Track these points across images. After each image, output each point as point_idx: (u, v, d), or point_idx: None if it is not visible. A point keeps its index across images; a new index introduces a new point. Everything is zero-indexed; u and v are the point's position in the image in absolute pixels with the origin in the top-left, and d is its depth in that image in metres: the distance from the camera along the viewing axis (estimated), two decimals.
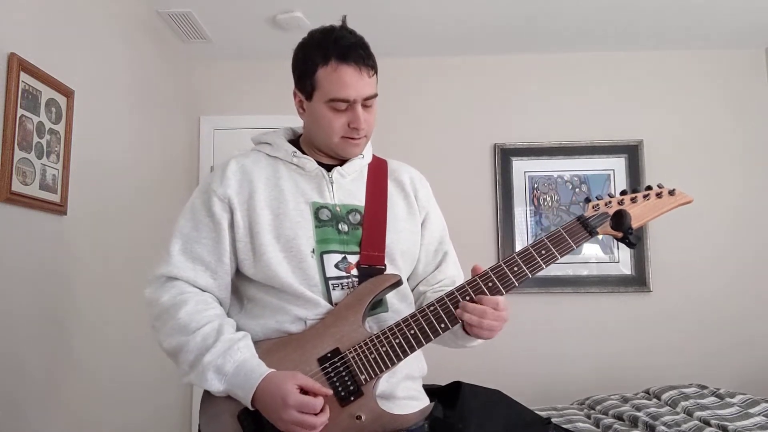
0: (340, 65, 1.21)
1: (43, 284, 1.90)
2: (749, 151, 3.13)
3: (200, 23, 2.82)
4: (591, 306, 3.08)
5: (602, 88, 3.20)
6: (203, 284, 1.23)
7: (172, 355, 1.19)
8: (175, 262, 1.22)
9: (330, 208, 1.25)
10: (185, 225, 1.25)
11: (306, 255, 1.20)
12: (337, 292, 1.20)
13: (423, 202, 1.37)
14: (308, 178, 1.28)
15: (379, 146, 1.40)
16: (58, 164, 1.97)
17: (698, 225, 3.07)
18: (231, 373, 1.11)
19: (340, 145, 1.26)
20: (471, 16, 2.81)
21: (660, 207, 1.17)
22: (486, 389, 2.05)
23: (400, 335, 1.15)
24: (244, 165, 1.28)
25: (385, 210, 1.29)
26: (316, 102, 1.24)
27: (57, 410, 1.95)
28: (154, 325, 1.22)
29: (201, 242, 1.23)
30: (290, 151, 1.29)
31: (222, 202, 1.23)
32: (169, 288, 1.21)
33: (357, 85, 1.22)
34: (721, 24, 2.90)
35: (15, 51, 1.74)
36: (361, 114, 1.23)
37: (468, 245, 3.04)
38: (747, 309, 3.02)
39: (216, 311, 1.21)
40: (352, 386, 1.13)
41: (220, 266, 1.23)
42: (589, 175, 3.16)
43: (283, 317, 1.19)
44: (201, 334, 1.15)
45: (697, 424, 1.97)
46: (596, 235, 1.15)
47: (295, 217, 1.22)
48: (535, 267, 1.17)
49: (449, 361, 2.36)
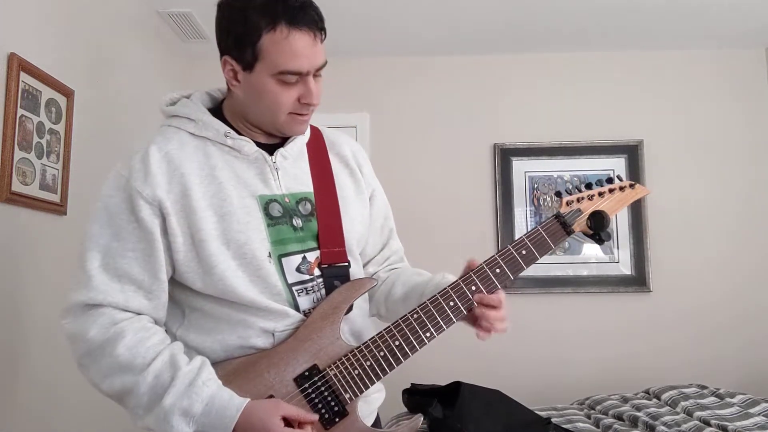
0: (292, 31, 0.99)
1: (43, 284, 1.90)
2: (750, 150, 3.13)
3: (200, 23, 2.82)
4: (591, 306, 3.07)
5: (602, 88, 3.20)
6: (136, 307, 1.02)
7: (114, 398, 1.00)
8: (97, 284, 1.00)
9: (279, 200, 1.08)
10: (101, 234, 1.02)
11: (262, 261, 1.04)
12: (302, 298, 1.07)
13: (368, 178, 1.25)
14: (247, 164, 1.08)
15: (380, 146, 1.40)
16: (58, 164, 1.97)
17: (698, 225, 3.06)
18: (200, 412, 0.94)
19: (286, 122, 1.07)
20: (471, 16, 2.81)
21: (624, 200, 1.21)
22: (486, 389, 2.06)
23: (384, 347, 1.05)
24: (168, 153, 1.05)
25: (335, 194, 1.14)
26: (258, 74, 1.02)
27: (53, 407, 1.94)
28: (82, 362, 1.01)
29: (126, 256, 1.01)
30: (222, 131, 1.08)
31: (151, 206, 1.01)
32: (96, 318, 1.00)
33: (310, 55, 1.01)
34: (722, 24, 2.89)
35: (15, 51, 1.74)
36: (313, 87, 1.04)
37: (468, 245, 3.06)
38: (747, 309, 3.01)
39: (159, 336, 1.02)
40: (336, 407, 1.02)
41: (155, 284, 1.03)
42: (589, 175, 3.16)
43: (246, 331, 1.04)
44: (152, 372, 0.96)
45: (697, 424, 1.97)
46: (572, 233, 1.16)
47: (243, 217, 1.04)
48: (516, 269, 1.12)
49: (449, 361, 2.37)
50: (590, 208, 1.17)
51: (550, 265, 3.06)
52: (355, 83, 3.16)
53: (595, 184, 1.20)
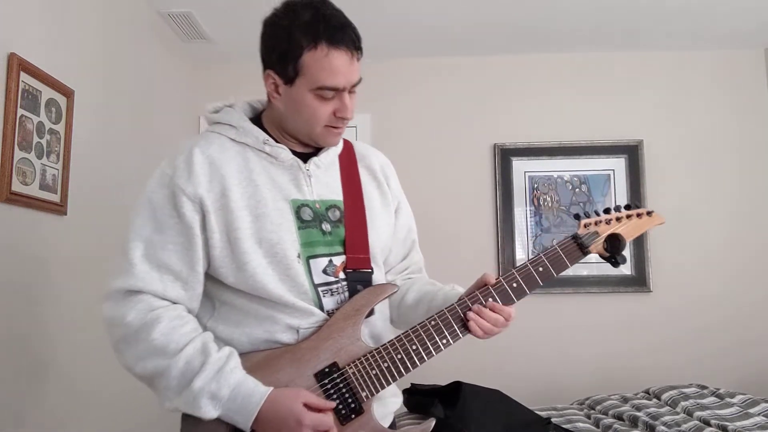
0: (332, 50, 1.08)
1: (43, 285, 1.90)
2: (749, 151, 3.13)
3: (200, 23, 2.82)
4: (591, 306, 3.07)
5: (602, 88, 3.20)
6: (174, 297, 1.09)
7: (146, 380, 1.07)
8: (138, 272, 1.07)
9: (310, 205, 1.15)
10: (145, 226, 1.10)
11: (292, 260, 1.10)
12: (327, 298, 1.13)
13: (395, 191, 1.32)
14: (282, 170, 1.16)
15: (380, 146, 1.39)
16: (58, 164, 1.97)
17: (698, 225, 3.06)
18: (227, 397, 1.01)
19: (321, 134, 1.16)
20: (471, 16, 2.81)
21: (640, 227, 1.28)
22: (486, 389, 2.06)
23: (401, 350, 1.10)
24: (210, 155, 1.13)
25: (363, 204, 1.22)
26: (298, 88, 1.11)
27: (46, 412, 1.95)
28: (118, 346, 1.08)
29: (167, 248, 1.08)
30: (261, 139, 1.16)
31: (193, 203, 1.09)
32: (135, 304, 1.07)
33: (348, 73, 1.10)
34: (721, 24, 2.89)
35: (15, 51, 1.74)
36: (348, 103, 1.13)
37: (468, 245, 3.07)
38: (747, 309, 3.02)
39: (192, 325, 1.09)
40: (353, 404, 1.07)
41: (192, 275, 1.10)
42: (589, 175, 3.16)
43: (273, 326, 1.10)
44: (184, 357, 1.03)
45: (697, 424, 1.97)
46: (588, 254, 1.22)
47: (276, 218, 1.11)
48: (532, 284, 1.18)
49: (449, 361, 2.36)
50: (607, 231, 1.23)
51: None
52: None
53: (614, 209, 1.25)
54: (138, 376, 1.08)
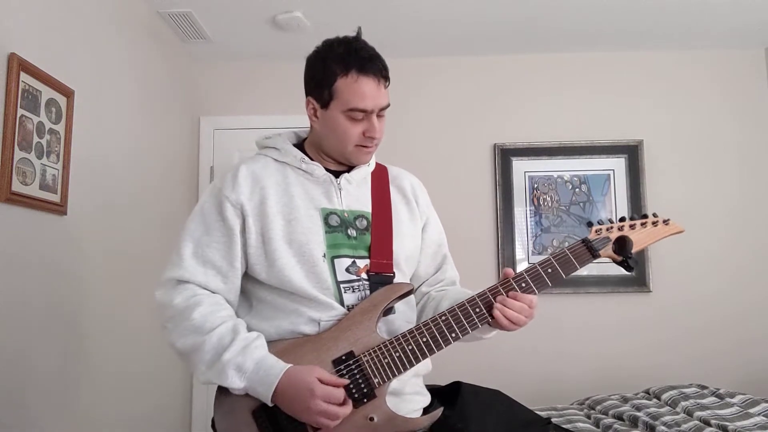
0: (360, 76, 1.25)
1: (43, 285, 1.90)
2: (749, 151, 3.13)
3: (200, 23, 2.83)
4: (591, 306, 3.08)
5: (602, 88, 3.20)
6: (214, 288, 1.26)
7: (185, 355, 1.22)
8: (187, 265, 1.25)
9: (338, 213, 1.29)
10: (196, 229, 1.28)
11: (318, 259, 1.24)
12: (348, 294, 1.25)
13: (423, 207, 1.44)
14: (316, 184, 1.32)
15: (380, 146, 1.40)
16: (58, 164, 1.97)
17: (698, 225, 3.06)
18: (251, 370, 1.14)
19: (353, 152, 1.31)
20: (471, 16, 2.81)
21: (656, 235, 1.28)
22: (486, 389, 2.05)
23: (413, 341, 1.20)
24: (254, 171, 1.31)
25: (390, 216, 1.35)
26: (332, 111, 1.27)
27: (61, 406, 1.94)
28: (167, 326, 1.24)
29: (212, 246, 1.26)
30: (299, 157, 1.32)
31: (235, 208, 1.26)
32: (181, 290, 1.24)
33: (375, 96, 1.27)
34: (721, 24, 2.90)
35: (15, 51, 1.75)
36: (376, 124, 1.29)
37: (468, 245, 3.06)
38: (747, 309, 3.02)
39: (229, 312, 1.25)
40: (365, 388, 1.17)
41: (231, 271, 1.26)
42: (589, 175, 3.16)
43: (298, 319, 1.23)
44: (217, 334, 1.18)
45: (697, 424, 1.97)
46: (598, 257, 1.24)
47: (306, 223, 1.26)
48: (541, 285, 1.25)
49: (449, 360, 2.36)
50: (617, 235, 1.25)
51: None
52: None
53: (629, 218, 1.27)
54: (179, 351, 1.22)
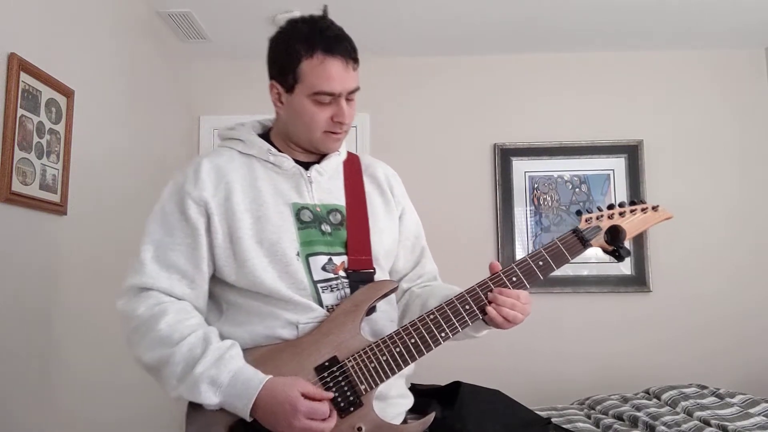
0: (327, 58, 1.16)
1: (43, 284, 1.90)
2: (749, 150, 3.13)
3: (200, 23, 2.83)
4: (591, 306, 3.08)
5: (602, 88, 3.20)
6: (179, 294, 1.16)
7: (153, 370, 1.12)
8: (149, 271, 1.15)
9: (310, 208, 1.21)
10: (156, 230, 1.19)
11: (291, 258, 1.15)
12: (327, 294, 1.17)
13: (399, 198, 1.36)
14: (285, 177, 1.23)
15: (380, 146, 1.41)
16: (58, 164, 1.97)
17: (698, 225, 3.06)
18: (227, 383, 1.05)
19: (321, 139, 1.22)
20: (471, 16, 2.81)
21: (646, 222, 1.25)
22: (486, 389, 2.05)
23: (400, 343, 1.13)
24: (218, 164, 1.21)
25: (365, 208, 1.27)
26: (298, 95, 1.19)
27: (49, 409, 1.95)
28: (131, 338, 1.14)
29: (175, 249, 1.16)
30: (265, 149, 1.24)
31: (198, 206, 1.17)
32: (145, 299, 1.14)
33: (343, 79, 1.17)
34: (721, 24, 2.89)
35: (15, 51, 1.74)
36: (345, 108, 1.19)
37: (468, 245, 3.07)
38: (747, 309, 3.02)
39: (197, 319, 1.15)
40: (351, 397, 1.10)
41: (197, 274, 1.17)
42: (589, 175, 3.16)
43: (274, 322, 1.14)
44: (187, 345, 1.08)
45: (697, 424, 1.97)
46: (589, 247, 1.20)
47: (276, 220, 1.17)
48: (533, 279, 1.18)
49: (449, 360, 2.36)
50: (609, 225, 1.21)
51: None
52: None
53: (618, 205, 1.24)
54: (146, 366, 1.13)
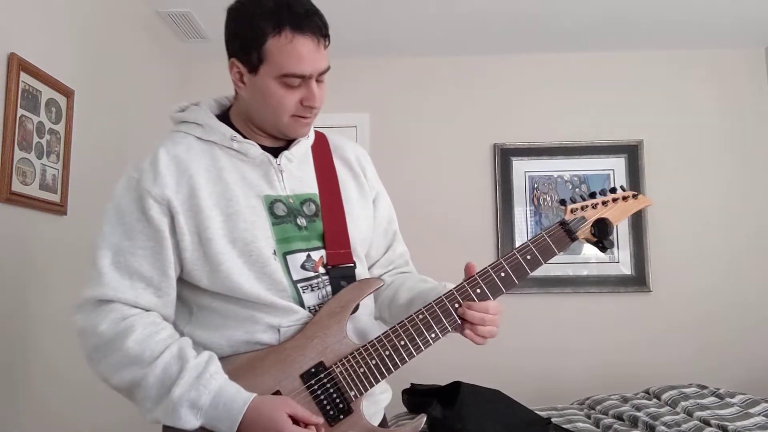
0: (296, 36, 1.03)
1: (43, 284, 1.90)
2: (749, 151, 3.13)
3: (199, 23, 2.82)
4: (591, 306, 3.07)
5: (602, 88, 3.20)
6: (146, 304, 1.04)
7: (124, 391, 1.02)
8: (108, 280, 1.02)
9: (283, 200, 1.11)
10: (112, 233, 1.06)
11: (268, 258, 1.06)
12: (307, 294, 1.09)
13: (372, 181, 1.28)
14: (252, 166, 1.12)
15: (380, 146, 1.40)
16: (58, 164, 1.97)
17: (699, 225, 3.06)
18: (208, 404, 0.96)
19: (289, 124, 1.11)
20: (471, 16, 2.81)
21: (627, 210, 1.24)
22: (486, 389, 2.06)
23: (389, 346, 1.06)
24: (176, 155, 1.08)
25: (339, 196, 1.18)
26: (263, 76, 1.06)
27: (44, 411, 1.95)
28: (93, 357, 1.03)
29: (136, 253, 1.04)
30: (228, 135, 1.11)
31: (160, 205, 1.04)
32: (106, 313, 1.02)
33: (314, 59, 1.05)
34: (721, 24, 2.89)
35: (15, 51, 1.74)
36: (316, 90, 1.08)
37: (468, 245, 3.07)
38: (747, 309, 3.01)
39: (168, 332, 1.04)
40: (341, 404, 1.04)
41: (164, 281, 1.05)
42: (589, 175, 3.16)
43: (253, 327, 1.06)
44: (161, 365, 0.98)
45: (697, 424, 1.97)
46: (576, 240, 1.18)
47: (249, 216, 1.07)
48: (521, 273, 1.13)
49: (449, 360, 2.37)
50: (594, 216, 1.19)
51: (550, 265, 2.99)
52: (355, 83, 3.16)
53: (599, 193, 1.22)
54: (115, 387, 1.03)
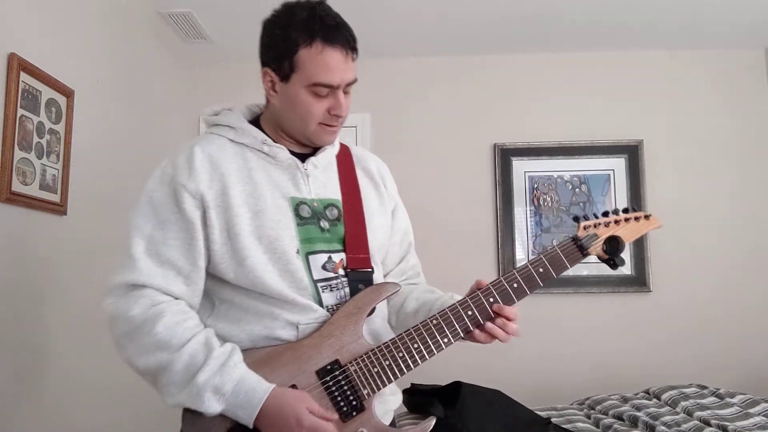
0: (326, 47, 1.11)
1: (43, 284, 1.90)
2: (749, 151, 3.13)
3: (200, 23, 2.82)
4: (591, 306, 3.07)
5: (602, 88, 3.20)
6: (176, 292, 1.09)
7: (149, 374, 1.06)
8: (141, 266, 1.07)
9: (308, 203, 1.17)
10: (145, 224, 1.10)
11: (291, 256, 1.11)
12: (326, 294, 1.14)
13: (391, 191, 1.35)
14: (281, 169, 1.18)
15: (380, 146, 1.40)
16: (58, 164, 1.97)
17: (698, 225, 3.06)
18: (230, 392, 1.02)
19: (316, 132, 1.18)
20: (471, 16, 2.81)
21: (638, 230, 1.29)
22: (486, 389, 2.06)
23: (403, 348, 1.11)
24: (211, 154, 1.14)
25: (360, 203, 1.24)
26: (294, 85, 1.13)
27: (44, 410, 1.95)
28: (120, 341, 1.08)
29: (168, 243, 1.09)
30: (260, 139, 1.18)
31: (194, 199, 1.10)
32: (137, 298, 1.06)
33: (342, 70, 1.13)
34: (721, 24, 2.90)
35: (15, 51, 1.74)
36: (342, 100, 1.15)
37: (468, 245, 3.07)
38: (747, 309, 3.02)
39: (195, 320, 1.10)
40: (354, 401, 1.08)
41: (194, 271, 1.10)
42: (589, 175, 3.16)
43: (273, 323, 1.10)
44: (188, 351, 1.03)
45: (697, 424, 1.97)
46: (588, 255, 1.23)
47: (275, 215, 1.12)
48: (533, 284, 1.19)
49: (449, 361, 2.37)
50: (606, 234, 1.24)
51: None
52: (356, 83, 3.15)
53: (612, 212, 1.27)
54: (140, 370, 1.07)
